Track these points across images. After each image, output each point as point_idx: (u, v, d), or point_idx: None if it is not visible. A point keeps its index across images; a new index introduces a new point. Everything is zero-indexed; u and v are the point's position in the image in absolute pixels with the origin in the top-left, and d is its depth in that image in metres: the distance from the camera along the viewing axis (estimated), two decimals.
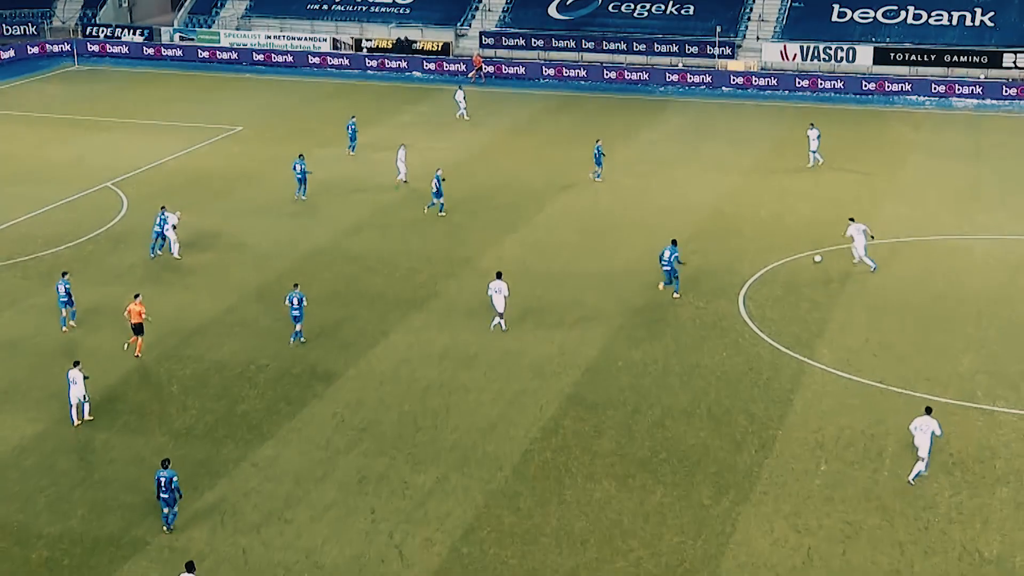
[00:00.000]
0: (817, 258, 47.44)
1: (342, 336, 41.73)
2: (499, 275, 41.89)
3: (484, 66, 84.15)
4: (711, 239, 48.16)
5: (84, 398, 35.70)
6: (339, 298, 44.76)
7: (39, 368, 39.51)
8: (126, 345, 40.11)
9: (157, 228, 48.88)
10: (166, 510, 30.48)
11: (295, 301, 40.87)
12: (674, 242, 45.16)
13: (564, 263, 48.16)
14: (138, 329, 39.99)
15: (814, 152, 60.91)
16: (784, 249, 49.04)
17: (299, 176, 56.06)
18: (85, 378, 35.68)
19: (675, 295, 44.44)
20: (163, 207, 49.73)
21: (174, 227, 48.78)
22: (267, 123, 72.00)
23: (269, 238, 51.46)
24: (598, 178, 58.59)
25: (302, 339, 41.07)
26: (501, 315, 41.57)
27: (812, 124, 62.36)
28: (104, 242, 50.98)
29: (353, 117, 65.49)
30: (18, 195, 57.64)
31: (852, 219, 47.47)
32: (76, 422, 35.69)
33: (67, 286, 41.97)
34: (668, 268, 44.57)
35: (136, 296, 40.79)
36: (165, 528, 30.55)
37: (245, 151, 65.77)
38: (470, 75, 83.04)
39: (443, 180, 53.77)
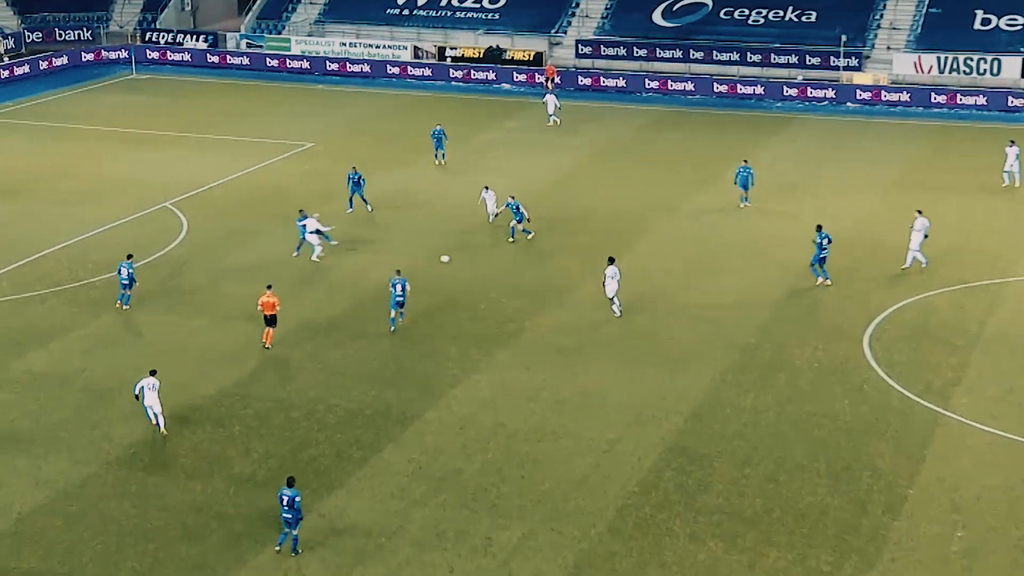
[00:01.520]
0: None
1: (420, 375, 41.91)
2: (611, 260, 45.92)
3: (557, 78, 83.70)
4: (834, 272, 47.72)
5: (160, 412, 37.48)
6: (416, 333, 44.98)
7: (87, 405, 40.10)
8: (264, 344, 43.63)
9: (300, 234, 52.22)
10: (287, 530, 31.42)
11: (399, 288, 44.63)
12: (819, 227, 48.73)
13: (666, 296, 47.98)
14: (271, 321, 43.43)
15: (1008, 171, 60.93)
16: (917, 284, 48.49)
17: (353, 191, 58.20)
18: (158, 414, 37.53)
19: (828, 282, 48.34)
20: (301, 210, 52.91)
21: (317, 232, 51.82)
22: (341, 139, 72.79)
23: (339, 264, 51.90)
24: (746, 203, 58.32)
25: (392, 328, 44.67)
26: (612, 299, 45.33)
27: (1012, 141, 61.97)
28: (162, 267, 51.72)
29: (438, 124, 66.38)
30: (68, 215, 58.71)
31: (920, 212, 50.63)
32: (164, 431, 37.60)
33: (130, 269, 46.08)
34: (825, 255, 48.10)
35: (268, 287, 43.95)
36: (281, 550, 31.45)
37: (316, 169, 66.50)
38: (547, 84, 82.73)
39: (519, 205, 54.04)
